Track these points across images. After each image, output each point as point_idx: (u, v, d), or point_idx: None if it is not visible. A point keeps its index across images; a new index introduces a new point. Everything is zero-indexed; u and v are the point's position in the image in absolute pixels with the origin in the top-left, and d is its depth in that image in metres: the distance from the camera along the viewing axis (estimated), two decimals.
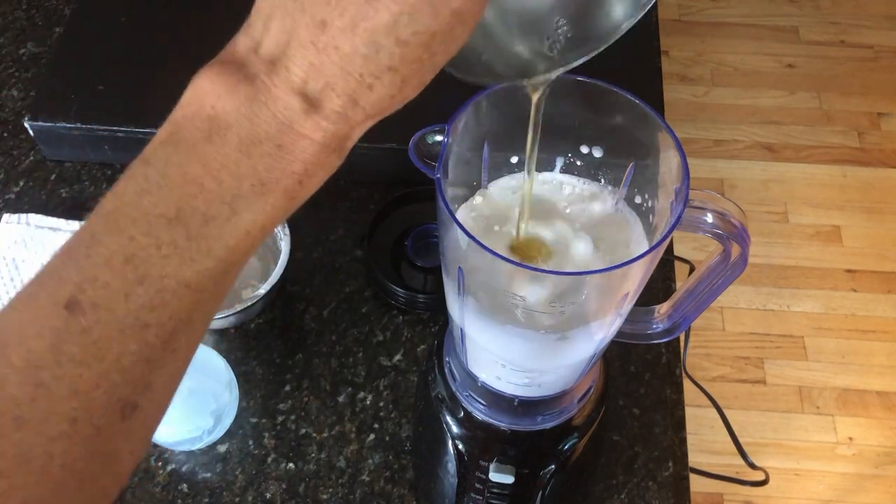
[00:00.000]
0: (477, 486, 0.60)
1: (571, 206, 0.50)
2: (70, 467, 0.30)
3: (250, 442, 0.72)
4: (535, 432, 0.57)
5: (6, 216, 0.82)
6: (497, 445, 0.58)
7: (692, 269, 0.60)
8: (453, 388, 0.58)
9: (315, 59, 0.30)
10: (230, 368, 0.71)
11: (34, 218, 0.81)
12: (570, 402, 0.57)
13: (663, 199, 0.46)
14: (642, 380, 0.76)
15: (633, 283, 0.45)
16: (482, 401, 0.57)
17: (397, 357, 0.76)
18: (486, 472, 0.58)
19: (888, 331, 1.69)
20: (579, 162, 0.50)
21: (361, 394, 0.74)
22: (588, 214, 0.49)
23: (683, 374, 0.77)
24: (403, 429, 0.73)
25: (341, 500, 0.70)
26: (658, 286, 0.80)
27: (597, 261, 0.47)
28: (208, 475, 0.71)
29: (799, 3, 2.19)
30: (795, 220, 1.84)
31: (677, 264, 0.84)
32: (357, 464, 0.71)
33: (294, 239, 0.75)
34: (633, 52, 0.89)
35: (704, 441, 1.46)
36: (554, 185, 0.51)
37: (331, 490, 0.70)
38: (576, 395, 0.57)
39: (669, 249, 0.84)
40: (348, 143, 0.33)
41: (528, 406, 0.56)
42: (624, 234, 0.49)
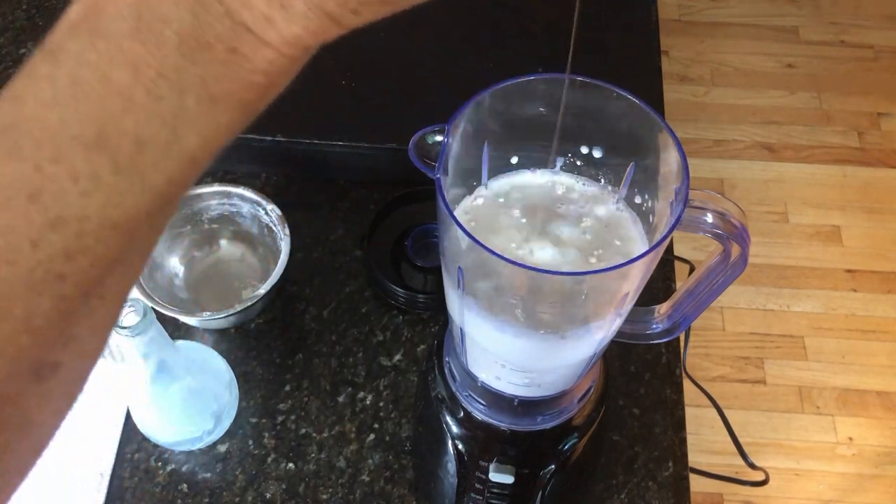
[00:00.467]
0: (477, 486, 0.60)
1: (571, 206, 0.50)
2: None
3: (250, 442, 0.72)
4: (535, 432, 0.57)
5: None
6: (497, 445, 0.58)
7: (692, 269, 0.60)
8: (453, 388, 0.58)
9: None
10: (230, 368, 0.71)
11: None
12: (570, 402, 0.57)
13: (663, 199, 0.46)
14: (642, 380, 0.76)
15: (632, 283, 0.45)
16: (482, 401, 0.57)
17: (397, 357, 0.76)
18: (486, 472, 0.58)
19: (888, 331, 1.69)
20: (579, 162, 0.50)
21: (361, 394, 0.74)
22: (588, 214, 0.49)
23: (683, 374, 0.77)
24: (403, 429, 0.73)
25: (341, 500, 0.70)
26: (658, 286, 0.80)
27: (596, 261, 0.47)
28: (208, 475, 0.71)
29: (799, 3, 2.19)
30: (795, 220, 1.84)
31: (677, 264, 0.84)
32: (357, 464, 0.71)
33: (294, 239, 0.75)
34: (633, 52, 0.89)
35: (704, 441, 1.46)
36: (553, 185, 0.51)
37: (331, 490, 0.70)
38: (576, 395, 0.57)
39: (669, 249, 0.84)
40: (315, 47, 0.26)
41: (528, 406, 0.56)
42: (624, 234, 0.49)
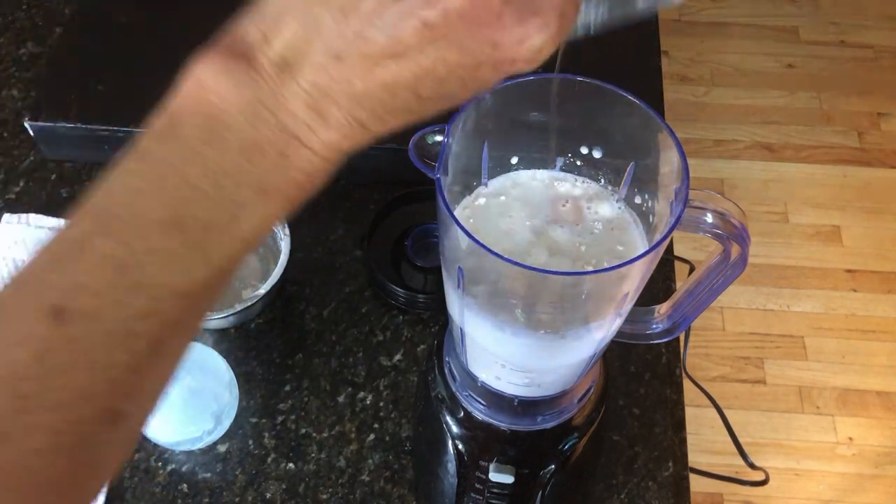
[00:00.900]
0: (477, 486, 0.60)
1: (571, 206, 0.50)
2: (54, 480, 0.29)
3: (250, 442, 0.72)
4: (535, 432, 0.57)
5: (6, 216, 0.82)
6: (497, 445, 0.58)
7: (692, 269, 0.60)
8: (453, 388, 0.58)
9: (326, 84, 0.29)
10: (230, 368, 0.71)
11: (34, 218, 0.81)
12: (570, 402, 0.57)
13: (663, 199, 0.46)
14: (642, 380, 0.76)
15: (632, 283, 0.45)
16: (482, 401, 0.57)
17: (397, 357, 0.76)
18: (486, 472, 0.58)
19: (888, 331, 1.69)
20: (579, 162, 0.50)
21: (361, 394, 0.74)
22: (587, 214, 0.49)
23: (683, 374, 0.77)
24: (403, 429, 0.73)
25: (341, 500, 0.70)
26: (658, 286, 0.80)
27: (596, 261, 0.47)
28: (208, 475, 0.71)
29: (799, 3, 2.19)
30: (795, 220, 1.84)
31: (677, 264, 0.84)
32: (357, 464, 0.71)
33: (294, 239, 0.75)
34: (633, 52, 0.89)
35: (704, 441, 1.46)
36: (553, 185, 0.51)
37: (331, 490, 0.70)
38: (576, 395, 0.57)
39: (669, 249, 0.84)
40: (352, 150, 0.31)
41: (528, 406, 0.56)
42: (623, 235, 0.49)
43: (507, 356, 0.51)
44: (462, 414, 0.58)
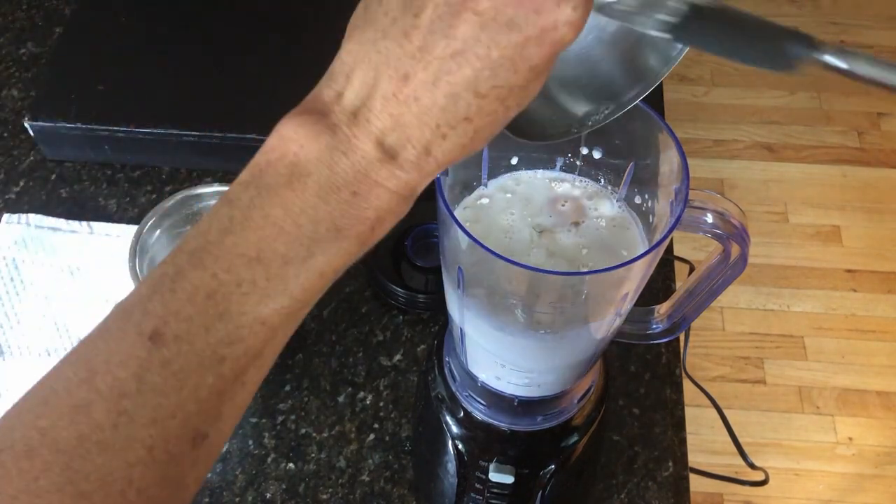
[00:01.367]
0: (477, 486, 0.60)
1: (571, 207, 0.50)
2: (144, 492, 0.32)
3: (250, 442, 0.72)
4: (535, 432, 0.57)
5: (6, 216, 0.82)
6: (497, 445, 0.58)
7: (692, 269, 0.60)
8: (453, 388, 0.58)
9: (394, 110, 0.31)
10: None
11: (34, 218, 0.81)
12: (569, 402, 0.57)
13: (663, 199, 0.46)
14: (642, 380, 0.76)
15: (632, 283, 0.45)
16: (482, 401, 0.57)
17: (397, 357, 0.76)
18: (486, 472, 0.58)
19: (888, 331, 1.69)
20: (579, 162, 0.50)
21: (361, 394, 0.74)
22: (587, 215, 0.49)
23: (683, 374, 0.77)
24: (403, 429, 0.73)
25: (341, 500, 0.70)
26: (658, 286, 0.80)
27: (596, 261, 0.47)
28: (208, 475, 0.71)
29: (799, 3, 2.19)
30: (795, 220, 1.84)
31: (677, 264, 0.84)
32: (357, 464, 0.71)
33: None
34: None
35: (704, 441, 1.46)
36: (553, 185, 0.51)
37: (331, 490, 0.70)
38: (576, 395, 0.57)
39: (669, 249, 0.84)
40: (418, 190, 0.34)
41: (528, 406, 0.56)
42: (623, 234, 0.49)
43: (507, 356, 0.51)
44: (462, 414, 0.58)
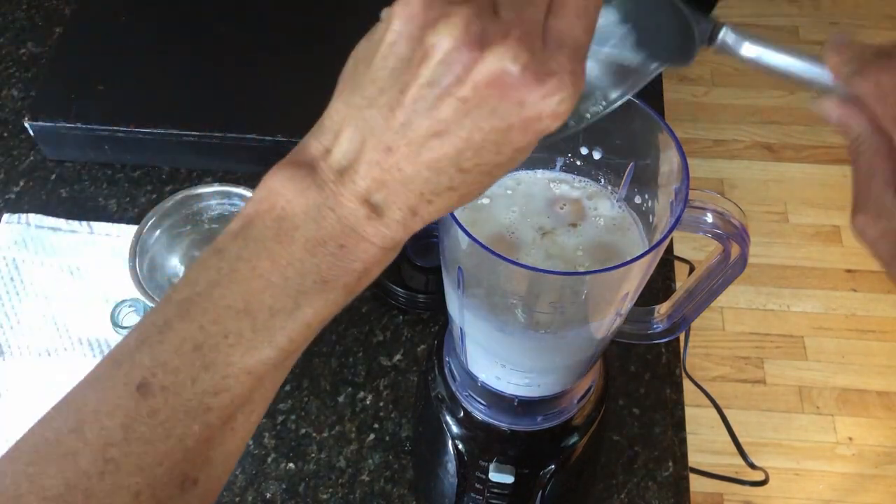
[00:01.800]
0: (477, 486, 0.60)
1: (571, 206, 0.50)
2: None
3: (250, 442, 0.72)
4: (535, 432, 0.57)
5: (6, 216, 0.82)
6: (497, 445, 0.58)
7: (692, 269, 0.60)
8: (453, 388, 0.58)
9: (379, 176, 0.32)
10: None
11: (34, 218, 0.81)
12: (569, 402, 0.57)
13: (663, 199, 0.46)
14: (642, 380, 0.76)
15: (632, 283, 0.45)
16: (482, 401, 0.57)
17: (397, 357, 0.76)
18: (486, 472, 0.58)
19: (888, 331, 1.69)
20: (579, 162, 0.50)
21: (361, 394, 0.74)
22: (587, 215, 0.49)
23: (683, 374, 0.77)
24: (403, 429, 0.73)
25: (341, 500, 0.70)
26: (658, 286, 0.80)
27: (595, 261, 0.47)
28: None
29: (799, 3, 2.19)
30: (795, 220, 1.84)
31: (677, 264, 0.84)
32: (357, 464, 0.71)
33: None
34: None
35: (704, 441, 1.46)
36: (553, 185, 0.51)
37: (331, 490, 0.70)
38: (576, 395, 0.57)
39: (669, 249, 0.84)
40: (405, 240, 0.35)
41: (528, 406, 0.56)
42: (623, 234, 0.49)
43: (507, 356, 0.51)
44: (462, 414, 0.58)
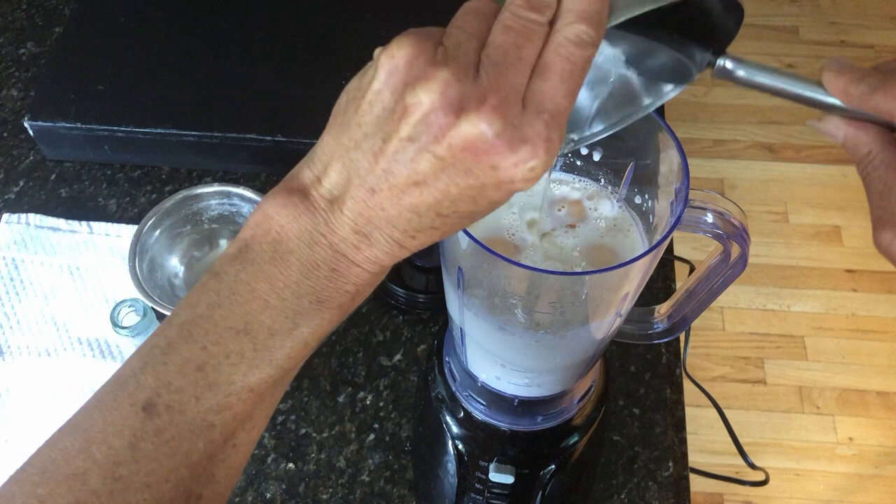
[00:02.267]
0: (477, 486, 0.60)
1: (571, 206, 0.50)
2: None
3: None
4: (535, 432, 0.57)
5: (6, 216, 0.82)
6: (497, 445, 0.58)
7: (692, 269, 0.60)
8: (453, 388, 0.58)
9: (365, 212, 0.34)
10: None
11: (34, 218, 0.81)
12: (569, 403, 0.57)
13: (663, 199, 0.46)
14: (642, 380, 0.76)
15: (632, 283, 0.45)
16: (482, 401, 0.57)
17: (397, 357, 0.76)
18: (486, 472, 0.58)
19: (888, 331, 1.69)
20: (579, 162, 0.50)
21: (361, 394, 0.74)
22: (587, 214, 0.49)
23: (683, 374, 0.77)
24: (403, 429, 0.73)
25: (341, 500, 0.70)
26: (658, 286, 0.80)
27: (595, 261, 0.47)
28: None
29: (799, 3, 2.19)
30: (795, 220, 1.84)
31: (677, 264, 0.84)
32: (357, 464, 0.71)
33: None
34: None
35: (704, 441, 1.46)
36: (553, 185, 0.51)
37: (331, 490, 0.70)
38: (576, 395, 0.57)
39: (669, 249, 0.84)
40: (393, 264, 0.36)
41: (528, 406, 0.56)
42: (623, 234, 0.49)
43: (507, 356, 0.51)
44: (462, 414, 0.58)
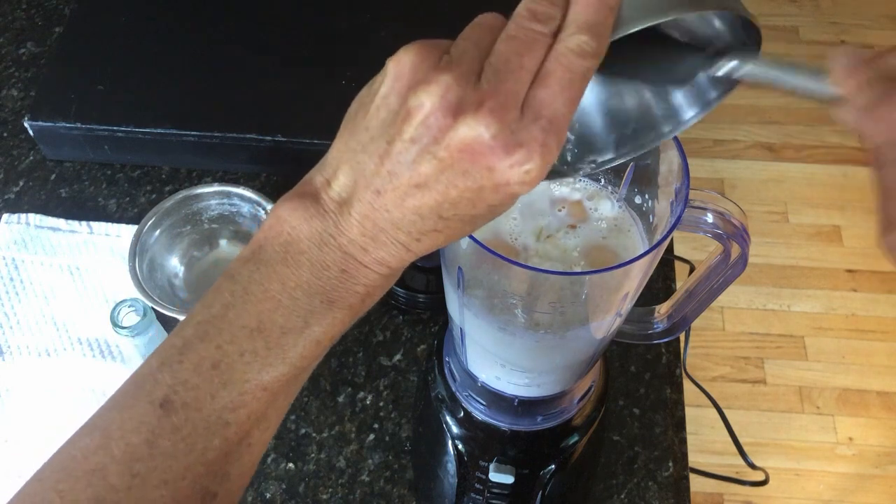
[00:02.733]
0: (477, 486, 0.60)
1: (571, 206, 0.50)
2: None
3: None
4: (535, 432, 0.57)
5: (6, 216, 0.82)
6: (497, 445, 0.58)
7: (692, 269, 0.60)
8: (453, 388, 0.58)
9: (371, 214, 0.35)
10: None
11: (34, 218, 0.81)
12: (569, 402, 0.57)
13: (663, 199, 0.46)
14: (642, 380, 0.76)
15: (632, 283, 0.45)
16: (482, 401, 0.57)
17: (397, 357, 0.76)
18: (486, 472, 0.58)
19: (888, 331, 1.69)
20: None
21: (361, 394, 0.74)
22: (588, 215, 0.49)
23: (683, 374, 0.77)
24: (403, 429, 0.73)
25: (341, 500, 0.70)
26: (658, 286, 0.80)
27: (595, 261, 0.47)
28: None
29: (799, 3, 2.19)
30: (795, 220, 1.84)
31: (677, 264, 0.84)
32: (357, 464, 0.71)
33: None
34: None
35: (704, 441, 1.46)
36: (553, 185, 0.51)
37: (331, 490, 0.70)
38: (576, 395, 0.57)
39: (669, 249, 0.84)
40: (405, 266, 0.37)
41: (528, 406, 0.56)
42: (623, 234, 0.49)
43: (507, 356, 0.51)
44: (462, 414, 0.58)
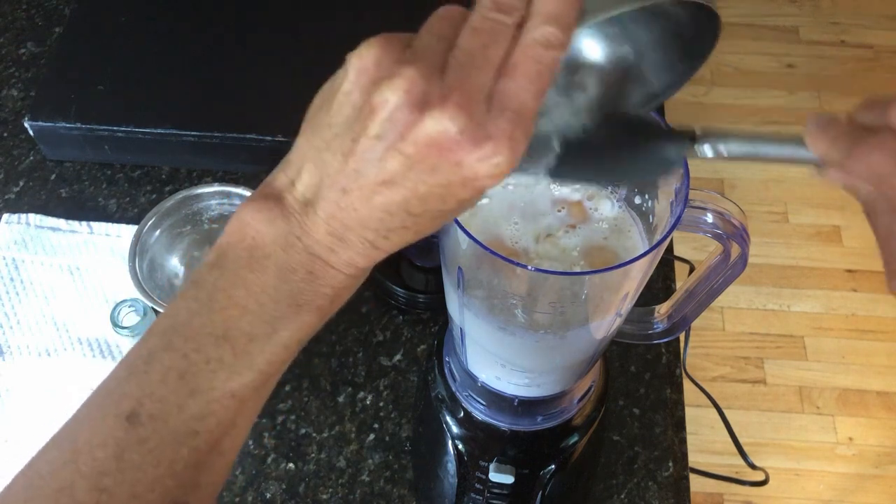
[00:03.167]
0: (477, 486, 0.60)
1: (571, 207, 0.50)
2: None
3: (250, 442, 0.72)
4: (535, 432, 0.57)
5: (6, 216, 0.82)
6: (497, 445, 0.58)
7: (692, 269, 0.60)
8: (453, 388, 0.58)
9: (337, 213, 0.34)
10: None
11: (34, 218, 0.81)
12: (569, 402, 0.57)
13: (663, 199, 0.46)
14: (642, 380, 0.76)
15: (632, 283, 0.45)
16: (482, 401, 0.57)
17: (397, 357, 0.76)
18: (486, 472, 0.58)
19: (888, 331, 1.69)
20: None
21: (361, 394, 0.74)
22: (588, 215, 0.49)
23: (683, 374, 0.77)
24: (403, 429, 0.73)
25: (341, 500, 0.70)
26: (658, 286, 0.80)
27: (595, 261, 0.47)
28: None
29: (799, 3, 2.19)
30: (795, 220, 1.84)
31: (677, 264, 0.84)
32: (357, 464, 0.71)
33: None
34: None
35: (704, 441, 1.46)
36: (553, 185, 0.51)
37: (331, 490, 0.70)
38: (576, 395, 0.57)
39: (669, 249, 0.84)
40: (372, 266, 0.36)
41: (528, 406, 0.56)
42: (623, 234, 0.49)
43: (507, 356, 0.51)
44: (462, 414, 0.58)
